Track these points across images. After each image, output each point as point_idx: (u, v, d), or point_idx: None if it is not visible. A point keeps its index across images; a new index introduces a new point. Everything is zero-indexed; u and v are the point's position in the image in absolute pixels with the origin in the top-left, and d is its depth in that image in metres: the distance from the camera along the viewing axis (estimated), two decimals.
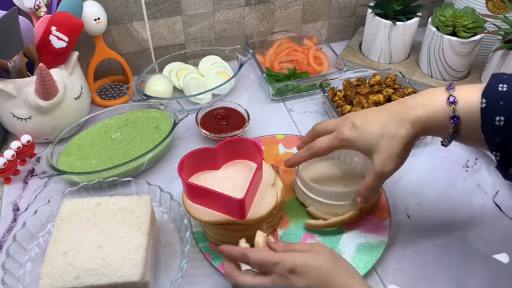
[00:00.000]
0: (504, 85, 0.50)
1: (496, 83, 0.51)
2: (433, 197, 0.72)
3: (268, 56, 0.95)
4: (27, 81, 0.71)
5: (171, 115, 0.79)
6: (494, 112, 0.50)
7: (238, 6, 0.93)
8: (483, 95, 0.51)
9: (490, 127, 0.50)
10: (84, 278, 0.53)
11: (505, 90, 0.50)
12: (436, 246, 0.65)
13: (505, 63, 0.82)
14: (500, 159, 0.51)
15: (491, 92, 0.51)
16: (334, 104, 0.81)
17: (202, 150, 0.62)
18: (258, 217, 0.58)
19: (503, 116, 0.49)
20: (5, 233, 0.67)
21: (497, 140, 0.50)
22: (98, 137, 0.77)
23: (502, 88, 0.50)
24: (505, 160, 0.51)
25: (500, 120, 0.49)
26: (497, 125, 0.49)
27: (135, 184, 0.68)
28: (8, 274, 0.57)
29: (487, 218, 0.69)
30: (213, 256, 0.63)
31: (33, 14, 0.75)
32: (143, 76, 0.89)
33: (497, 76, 0.52)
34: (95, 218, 0.60)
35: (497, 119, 0.49)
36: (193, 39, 0.95)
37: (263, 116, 0.86)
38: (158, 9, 0.88)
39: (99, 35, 0.82)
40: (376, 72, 0.85)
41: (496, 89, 0.50)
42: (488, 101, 0.50)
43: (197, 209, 0.60)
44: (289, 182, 0.72)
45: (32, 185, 0.74)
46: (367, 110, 0.60)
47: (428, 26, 0.88)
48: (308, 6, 0.99)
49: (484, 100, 0.51)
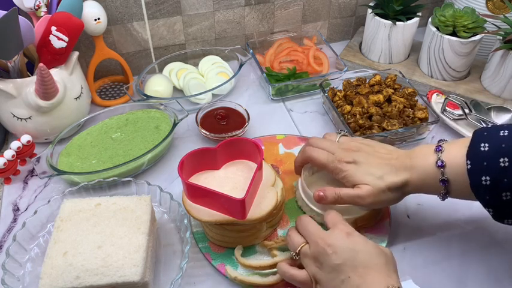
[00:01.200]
0: (485, 144, 0.52)
1: (479, 142, 0.53)
2: (433, 197, 0.71)
3: (268, 56, 0.95)
4: (27, 81, 0.71)
5: (171, 115, 0.79)
6: (480, 173, 0.52)
7: (238, 6, 0.93)
8: (467, 156, 0.53)
9: (478, 186, 0.52)
10: (84, 278, 0.53)
11: (487, 150, 0.52)
12: (436, 246, 0.65)
13: (505, 63, 0.82)
14: (493, 214, 0.54)
15: (474, 152, 0.53)
16: (334, 104, 0.81)
17: (202, 150, 0.62)
18: (258, 217, 0.58)
19: (489, 176, 0.51)
20: (5, 233, 0.67)
21: (487, 198, 0.52)
22: (98, 137, 0.77)
23: (484, 148, 0.52)
24: (499, 215, 0.53)
25: (486, 180, 0.51)
26: (485, 185, 0.52)
27: (135, 184, 0.68)
28: (8, 274, 0.57)
29: (487, 218, 0.69)
30: (213, 256, 0.63)
31: (33, 14, 0.75)
32: (143, 76, 0.89)
33: (478, 133, 0.54)
34: (95, 218, 0.60)
35: (483, 179, 0.52)
36: (193, 39, 0.95)
37: (263, 116, 0.86)
38: (158, 9, 0.88)
39: (99, 35, 0.82)
40: (376, 72, 0.85)
41: (478, 149, 0.53)
42: (473, 163, 0.53)
43: (197, 209, 0.60)
44: (289, 182, 0.72)
45: (32, 185, 0.74)
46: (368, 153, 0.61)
47: (428, 26, 0.88)
48: (308, 6, 0.99)
49: (468, 162, 0.53)
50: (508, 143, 0.51)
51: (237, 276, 0.59)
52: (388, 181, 0.58)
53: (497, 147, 0.51)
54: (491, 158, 0.51)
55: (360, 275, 0.48)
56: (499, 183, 0.51)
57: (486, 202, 0.53)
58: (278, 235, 0.65)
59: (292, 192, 0.71)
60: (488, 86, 0.87)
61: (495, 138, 0.52)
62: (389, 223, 0.66)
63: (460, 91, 0.87)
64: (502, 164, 0.50)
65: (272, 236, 0.65)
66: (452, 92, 0.87)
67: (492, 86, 0.86)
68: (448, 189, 0.56)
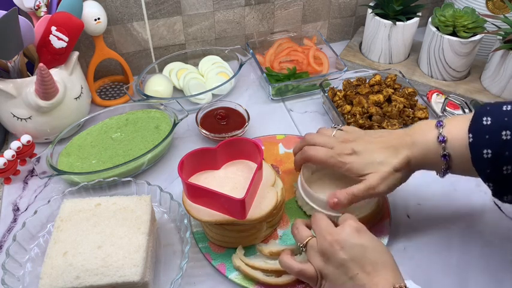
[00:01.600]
0: (488, 118, 0.52)
1: (481, 116, 0.53)
2: (433, 197, 0.71)
3: (268, 56, 0.95)
4: (27, 81, 0.71)
5: (171, 115, 0.79)
6: (481, 146, 0.52)
7: (238, 6, 0.93)
8: (469, 130, 0.53)
9: (479, 160, 0.52)
10: (84, 278, 0.53)
11: (489, 124, 0.52)
12: (436, 246, 0.65)
13: (505, 63, 0.82)
14: (493, 188, 0.53)
15: (477, 126, 0.53)
16: (334, 104, 0.81)
17: (202, 150, 0.62)
18: (258, 217, 0.58)
19: (490, 149, 0.51)
20: (5, 233, 0.67)
21: (488, 171, 0.52)
22: (98, 137, 0.77)
23: (486, 122, 0.52)
24: (499, 189, 0.53)
25: (488, 153, 0.51)
26: (486, 158, 0.51)
27: (135, 184, 0.68)
28: (8, 274, 0.57)
29: (487, 218, 0.69)
30: (213, 256, 0.63)
31: (33, 14, 0.75)
32: (143, 76, 0.89)
33: (481, 108, 0.54)
34: (95, 218, 0.60)
35: (484, 152, 0.51)
36: (193, 39, 0.95)
37: (263, 116, 0.86)
38: (158, 9, 0.88)
39: (99, 35, 0.82)
40: (376, 72, 0.85)
41: (481, 123, 0.52)
42: (475, 136, 0.52)
43: (197, 209, 0.60)
44: (289, 182, 0.72)
45: (32, 185, 0.74)
46: (366, 140, 0.61)
47: (428, 26, 0.88)
48: (308, 6, 0.99)
49: (470, 135, 0.53)
50: (511, 117, 0.51)
51: (240, 266, 0.60)
52: (391, 164, 0.57)
53: (499, 121, 0.51)
54: (494, 131, 0.51)
55: (367, 273, 0.48)
56: (500, 156, 0.50)
57: (487, 176, 0.53)
58: (278, 235, 0.65)
59: (292, 192, 0.71)
60: (488, 86, 0.87)
61: (498, 112, 0.52)
62: (389, 223, 0.66)
63: (460, 91, 0.87)
64: (504, 137, 0.50)
65: (271, 236, 0.65)
66: (452, 92, 0.87)
67: (492, 86, 0.86)
68: (449, 165, 0.56)
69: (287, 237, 0.65)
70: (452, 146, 0.55)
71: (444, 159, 0.55)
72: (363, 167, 0.59)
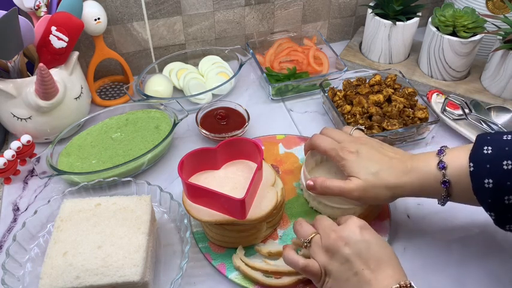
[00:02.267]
0: (489, 147, 0.52)
1: (482, 145, 0.53)
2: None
3: (268, 56, 0.95)
4: (27, 81, 0.71)
5: (171, 115, 0.79)
6: (483, 176, 0.52)
7: (238, 6, 0.93)
8: (470, 159, 0.53)
9: (480, 190, 0.52)
10: (84, 278, 0.53)
11: (490, 153, 0.52)
12: (436, 246, 0.65)
13: (505, 63, 0.82)
14: (495, 218, 0.54)
15: (478, 155, 0.53)
16: (334, 103, 0.81)
17: (202, 150, 0.62)
18: (258, 217, 0.58)
19: (491, 179, 0.51)
20: (5, 233, 0.67)
21: (489, 201, 0.52)
22: (98, 137, 0.77)
23: (487, 151, 0.52)
24: (500, 219, 0.53)
25: (489, 183, 0.51)
26: (487, 187, 0.52)
27: (135, 184, 0.68)
28: (8, 274, 0.57)
29: (487, 217, 0.69)
30: (213, 256, 0.63)
31: (33, 14, 0.75)
32: (143, 76, 0.89)
33: (482, 137, 0.54)
34: (95, 218, 0.60)
35: (486, 181, 0.52)
36: (193, 39, 0.95)
37: (263, 116, 0.86)
38: (158, 9, 0.88)
39: (99, 35, 0.82)
40: (376, 72, 0.85)
41: (481, 151, 0.53)
42: (476, 165, 0.53)
43: (197, 209, 0.60)
44: (289, 182, 0.72)
45: (32, 185, 0.74)
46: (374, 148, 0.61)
47: (428, 26, 0.88)
48: (308, 6, 0.99)
49: (471, 164, 0.53)
50: (511, 147, 0.51)
51: (240, 266, 0.60)
52: (381, 178, 0.58)
53: (500, 150, 0.51)
54: (495, 160, 0.51)
55: (372, 269, 0.48)
56: (502, 186, 0.51)
57: (488, 206, 0.53)
58: (278, 235, 0.65)
59: (292, 192, 0.71)
60: (488, 86, 0.87)
61: (498, 142, 0.52)
62: (389, 223, 0.66)
63: (460, 91, 0.87)
64: (505, 166, 0.50)
65: (271, 236, 0.65)
66: (452, 92, 0.87)
67: (492, 86, 0.86)
68: (449, 192, 0.56)
69: (287, 237, 0.65)
70: (453, 173, 0.55)
71: (444, 185, 0.56)
72: (355, 169, 0.59)
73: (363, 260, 0.49)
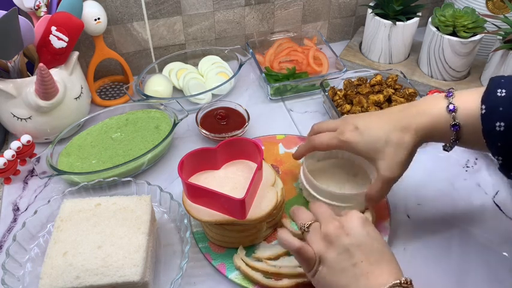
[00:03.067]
0: (503, 90, 0.51)
1: (495, 88, 0.51)
2: (433, 197, 0.71)
3: (268, 56, 0.95)
4: (27, 81, 0.71)
5: (171, 115, 0.79)
6: (494, 118, 0.50)
7: (238, 6, 0.93)
8: (482, 101, 0.51)
9: (490, 133, 0.51)
10: (84, 278, 0.53)
11: (504, 96, 0.50)
12: (436, 247, 0.65)
13: (505, 63, 0.82)
14: (502, 162, 0.52)
15: (490, 97, 0.51)
16: (334, 103, 0.81)
17: (202, 150, 0.62)
18: (258, 217, 0.58)
19: (503, 122, 0.50)
20: (5, 233, 0.67)
21: (499, 144, 0.51)
22: (98, 137, 0.77)
23: (500, 93, 0.51)
24: (507, 163, 0.52)
25: (500, 126, 0.50)
26: (498, 131, 0.50)
27: (135, 184, 0.68)
28: (8, 274, 0.57)
29: (487, 218, 0.69)
30: (213, 256, 0.63)
31: (33, 14, 0.75)
32: (143, 76, 0.89)
33: (495, 80, 0.52)
34: (95, 218, 0.60)
35: (497, 124, 0.50)
36: (193, 39, 0.95)
37: (263, 116, 0.86)
38: (158, 9, 0.88)
39: (99, 35, 0.82)
40: (377, 72, 0.85)
41: (495, 94, 0.51)
42: (488, 107, 0.51)
43: (197, 209, 0.60)
44: (289, 182, 0.72)
45: (32, 185, 0.74)
46: (369, 114, 0.60)
47: (428, 26, 0.88)
48: (308, 6, 0.99)
49: (483, 106, 0.51)
50: None
51: (241, 266, 0.60)
52: (395, 140, 0.56)
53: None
54: (508, 103, 0.50)
55: (371, 262, 0.48)
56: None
57: (497, 149, 0.51)
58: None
59: (292, 192, 0.71)
60: None
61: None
62: (389, 223, 0.66)
63: None
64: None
65: (271, 236, 0.65)
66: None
67: None
68: (458, 135, 0.54)
69: None
70: (463, 116, 0.53)
71: (454, 129, 0.53)
72: (367, 148, 0.57)
73: (363, 252, 0.48)
